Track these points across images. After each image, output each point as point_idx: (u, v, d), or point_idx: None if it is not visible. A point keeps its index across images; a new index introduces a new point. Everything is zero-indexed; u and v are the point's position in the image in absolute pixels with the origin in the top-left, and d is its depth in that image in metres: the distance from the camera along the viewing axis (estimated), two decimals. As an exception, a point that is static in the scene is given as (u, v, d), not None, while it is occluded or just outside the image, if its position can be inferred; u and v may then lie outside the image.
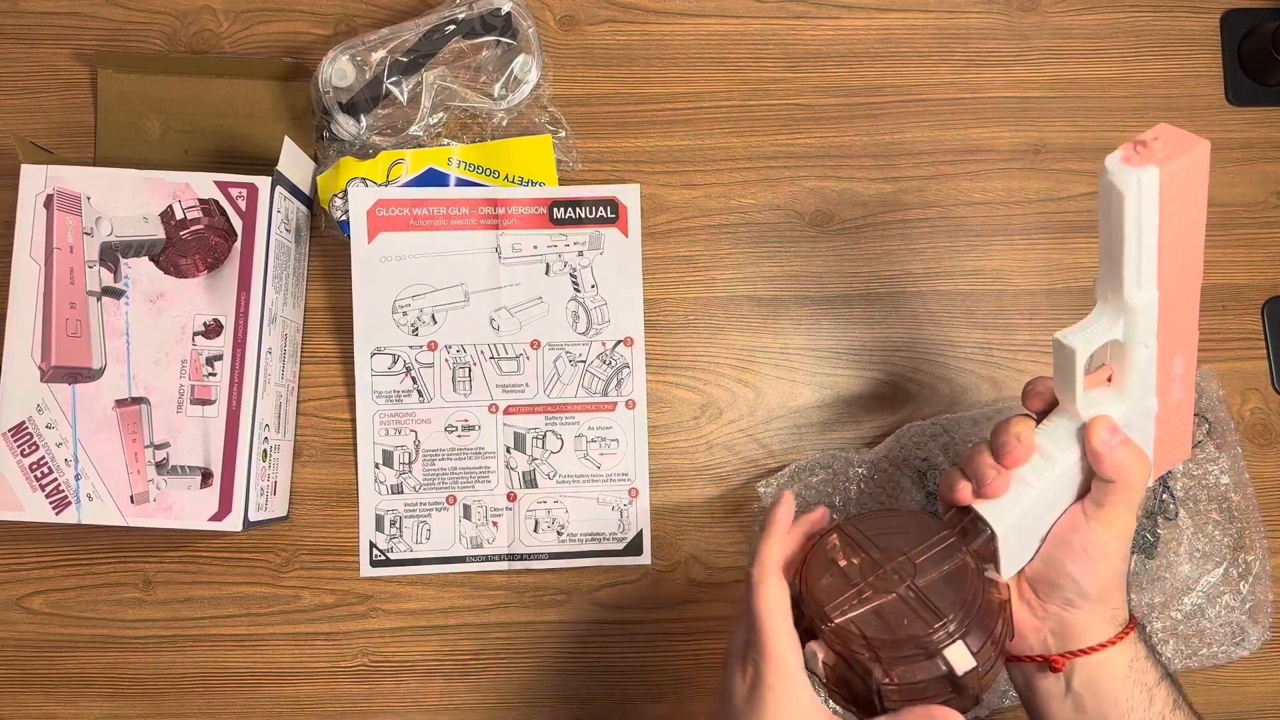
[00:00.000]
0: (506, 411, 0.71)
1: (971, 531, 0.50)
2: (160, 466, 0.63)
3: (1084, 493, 0.50)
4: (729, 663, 0.50)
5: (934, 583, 0.47)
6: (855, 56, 0.75)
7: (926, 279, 0.73)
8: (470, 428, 0.71)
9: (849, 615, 0.47)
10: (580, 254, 0.72)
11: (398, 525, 0.70)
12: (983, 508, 0.49)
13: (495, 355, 0.71)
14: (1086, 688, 0.49)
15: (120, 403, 0.63)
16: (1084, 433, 0.49)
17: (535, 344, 0.71)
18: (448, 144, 0.72)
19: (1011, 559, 0.50)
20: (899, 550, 0.49)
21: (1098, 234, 0.45)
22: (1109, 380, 0.50)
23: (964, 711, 0.46)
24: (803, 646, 0.48)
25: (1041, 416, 0.52)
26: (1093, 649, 0.50)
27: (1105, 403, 0.49)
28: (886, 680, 0.46)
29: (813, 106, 0.75)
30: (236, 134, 0.73)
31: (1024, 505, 0.49)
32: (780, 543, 0.51)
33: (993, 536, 0.49)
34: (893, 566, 0.48)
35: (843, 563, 0.49)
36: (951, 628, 0.46)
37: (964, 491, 0.50)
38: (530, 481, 0.71)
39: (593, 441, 0.71)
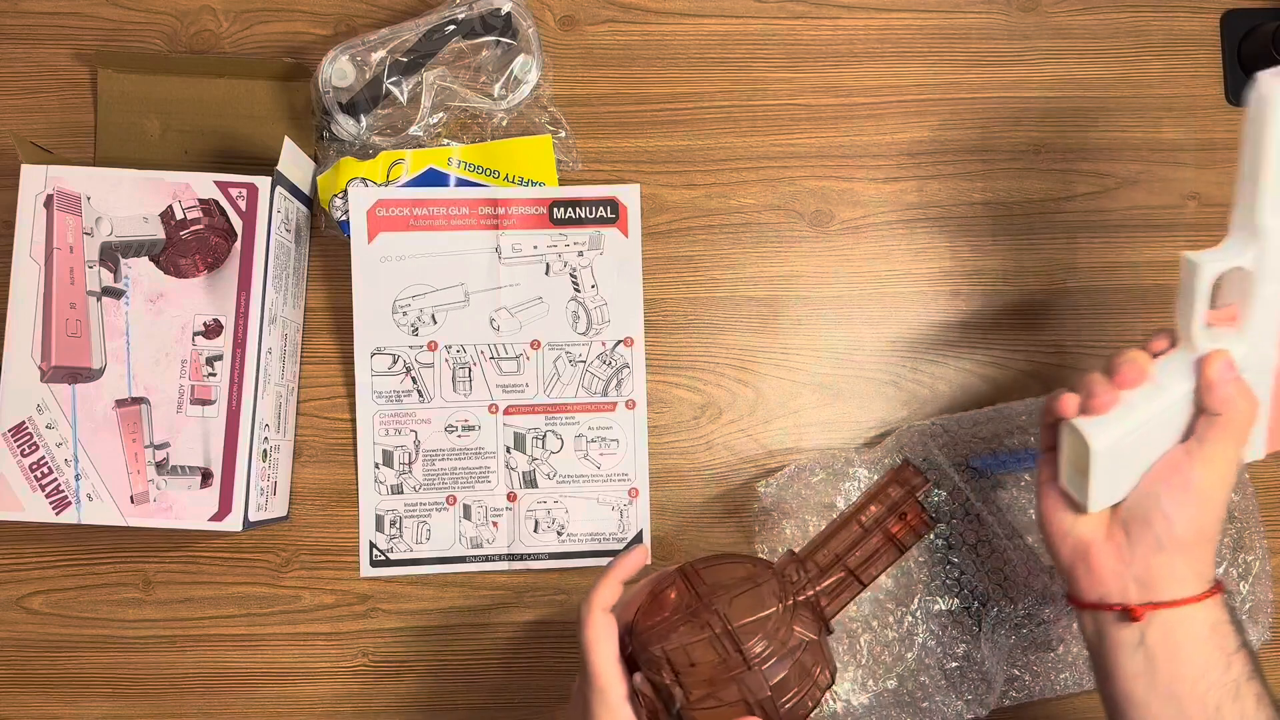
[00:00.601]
0: (506, 411, 0.71)
1: (797, 577, 0.53)
2: (160, 466, 0.63)
3: (1190, 434, 0.50)
4: (574, 688, 0.53)
5: (743, 620, 0.50)
6: (855, 56, 0.75)
7: (927, 279, 0.73)
8: (470, 428, 0.71)
9: (661, 645, 0.50)
10: (580, 254, 0.72)
11: (398, 525, 0.70)
12: (1084, 423, 0.49)
13: (495, 355, 0.71)
14: (1163, 642, 0.48)
15: (120, 403, 0.63)
16: (1200, 365, 0.48)
17: (535, 344, 0.71)
18: (448, 144, 0.72)
19: (1104, 488, 0.50)
20: (722, 590, 0.51)
21: (1096, 234, 0.45)
22: (1231, 319, 0.49)
23: None
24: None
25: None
26: (1178, 602, 0.48)
27: (1225, 339, 0.48)
28: (688, 704, 0.49)
29: (813, 106, 0.75)
30: (236, 134, 0.73)
31: (1126, 427, 0.49)
32: (614, 585, 0.53)
33: (927, 483, 0.53)
34: (711, 605, 0.50)
35: (669, 599, 0.52)
36: (750, 658, 0.49)
37: (1068, 403, 0.50)
38: (530, 481, 0.71)
39: (593, 441, 0.71)
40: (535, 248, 0.72)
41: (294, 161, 0.68)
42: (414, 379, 0.71)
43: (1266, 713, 0.48)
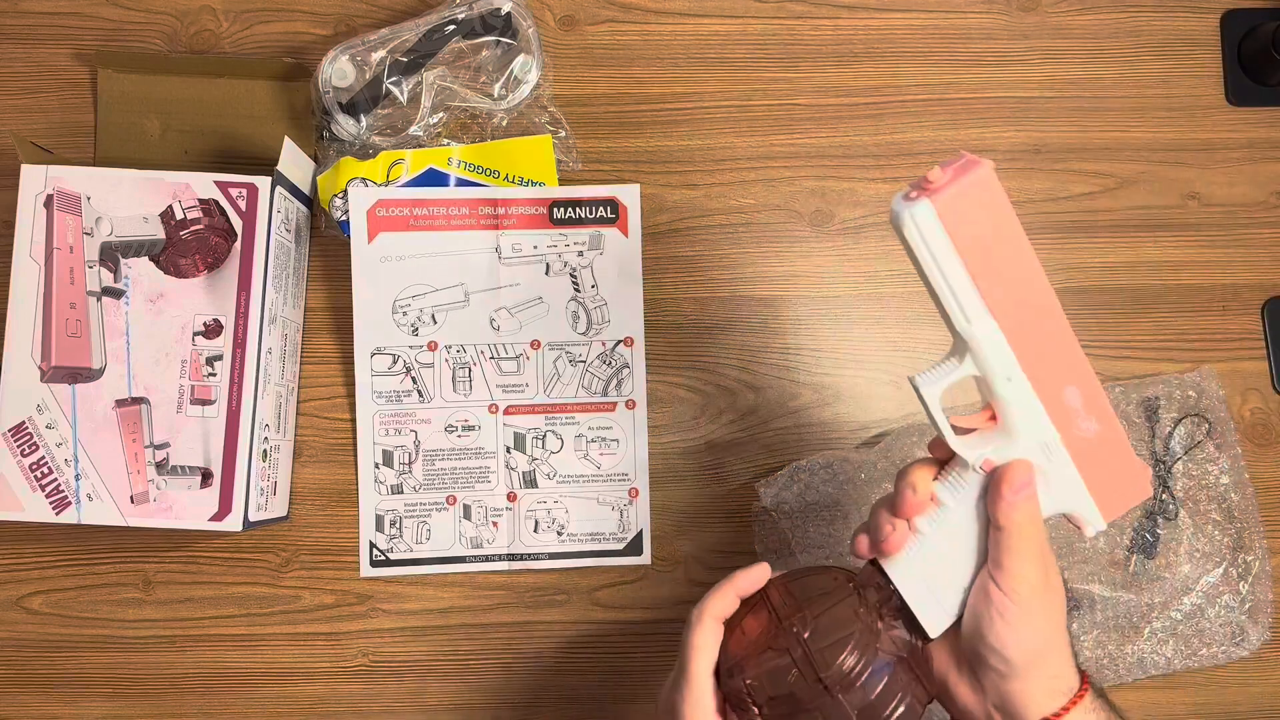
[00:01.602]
0: (506, 411, 0.71)
1: (883, 588, 0.48)
2: (160, 466, 0.63)
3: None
4: (663, 692, 0.51)
5: (822, 644, 0.46)
6: (855, 56, 0.75)
7: (926, 279, 0.73)
8: (470, 428, 0.71)
9: (742, 677, 0.47)
10: (580, 254, 0.72)
11: (398, 525, 0.70)
12: (884, 563, 0.48)
13: (495, 355, 0.71)
14: None
15: (120, 403, 0.63)
16: (975, 478, 0.47)
17: (535, 344, 0.71)
18: (448, 144, 0.72)
19: (931, 616, 0.48)
20: (802, 610, 0.48)
21: (1096, 234, 0.44)
22: (992, 419, 0.47)
23: None
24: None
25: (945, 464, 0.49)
26: None
27: (990, 442, 0.47)
28: None
29: (813, 106, 0.75)
30: (236, 134, 0.73)
31: (918, 556, 0.47)
32: (730, 596, 0.50)
33: (896, 592, 0.48)
34: (790, 629, 0.47)
35: (752, 624, 0.49)
36: (831, 684, 0.45)
37: (862, 545, 0.49)
38: (530, 481, 0.71)
39: (593, 441, 0.71)
40: (535, 248, 0.72)
41: (294, 161, 0.68)
42: (414, 379, 0.71)
43: None
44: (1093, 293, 0.73)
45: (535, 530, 0.70)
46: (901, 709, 0.46)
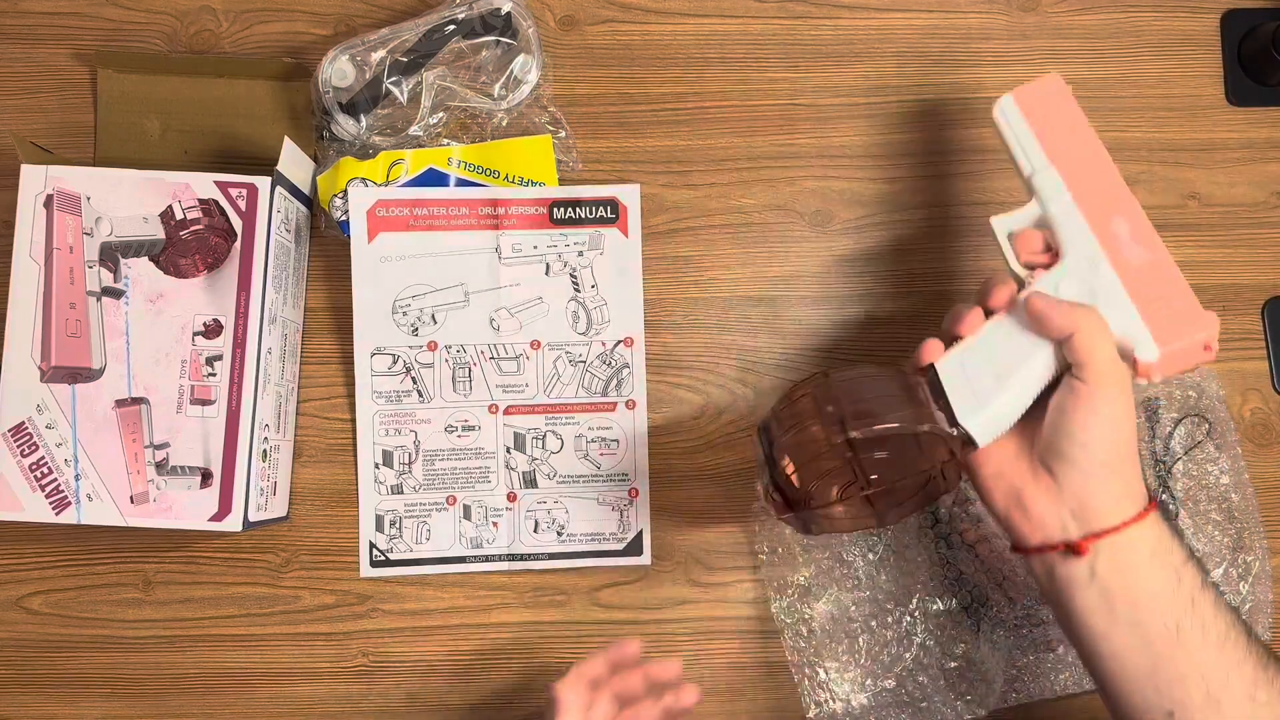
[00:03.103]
0: (506, 412, 0.71)
1: (934, 385, 0.54)
2: (160, 467, 0.63)
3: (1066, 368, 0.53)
4: None
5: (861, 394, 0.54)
6: (855, 56, 0.75)
7: (927, 279, 0.73)
8: (470, 428, 0.71)
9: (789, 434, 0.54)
10: (580, 254, 0.72)
11: (398, 525, 0.70)
12: (939, 364, 0.55)
13: (495, 355, 0.71)
14: (1112, 571, 0.49)
15: (120, 403, 0.63)
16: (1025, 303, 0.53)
17: (535, 344, 0.71)
18: (448, 144, 0.72)
19: (974, 420, 0.52)
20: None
21: None
22: (1053, 259, 0.56)
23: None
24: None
25: None
26: (1118, 527, 0.49)
27: (1051, 276, 0.55)
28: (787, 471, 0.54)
29: (813, 106, 0.75)
30: (236, 134, 0.73)
31: (965, 346, 0.55)
32: (603, 664, 0.57)
33: (942, 391, 0.54)
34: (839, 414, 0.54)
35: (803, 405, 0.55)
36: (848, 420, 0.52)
37: (927, 349, 0.56)
38: (530, 482, 0.71)
39: (593, 441, 0.71)
40: (535, 248, 0.72)
41: (294, 161, 0.68)
42: (414, 379, 0.71)
43: (1225, 617, 0.49)
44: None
45: (535, 530, 0.70)
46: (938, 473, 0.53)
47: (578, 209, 0.72)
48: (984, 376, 0.53)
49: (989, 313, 0.55)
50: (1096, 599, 0.49)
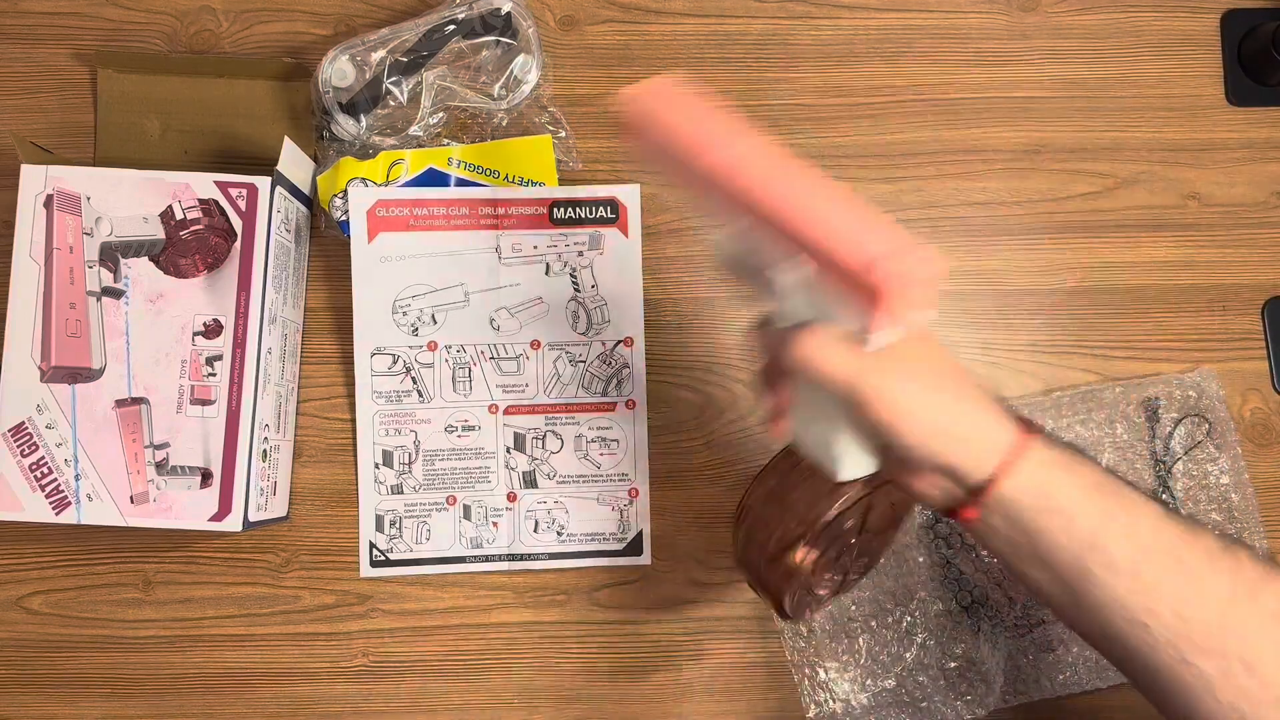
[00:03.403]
0: (506, 412, 0.71)
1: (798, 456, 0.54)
2: (160, 467, 0.63)
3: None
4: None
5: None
6: (855, 56, 0.75)
7: (926, 279, 0.73)
8: (470, 428, 0.71)
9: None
10: (580, 254, 0.72)
11: (398, 525, 0.70)
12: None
13: (495, 355, 0.71)
14: (1007, 523, 0.46)
15: (120, 403, 0.63)
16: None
17: (535, 344, 0.71)
18: (448, 144, 0.72)
19: (844, 466, 0.49)
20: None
21: (1096, 234, 0.45)
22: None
23: None
24: None
25: None
26: (976, 493, 0.45)
27: (791, 309, 0.48)
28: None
29: (813, 106, 0.75)
30: (236, 134, 0.73)
31: (800, 429, 0.51)
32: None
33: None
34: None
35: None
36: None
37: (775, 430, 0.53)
38: (530, 482, 0.71)
39: (593, 441, 0.71)
40: (535, 248, 0.72)
41: (294, 161, 0.68)
42: (414, 379, 0.71)
43: (1139, 540, 0.45)
44: (1093, 293, 0.73)
45: (535, 530, 0.70)
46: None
47: (578, 209, 0.72)
48: (822, 432, 0.49)
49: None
50: (1003, 544, 0.47)
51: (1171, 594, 0.44)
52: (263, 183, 0.65)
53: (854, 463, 0.49)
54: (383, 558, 0.70)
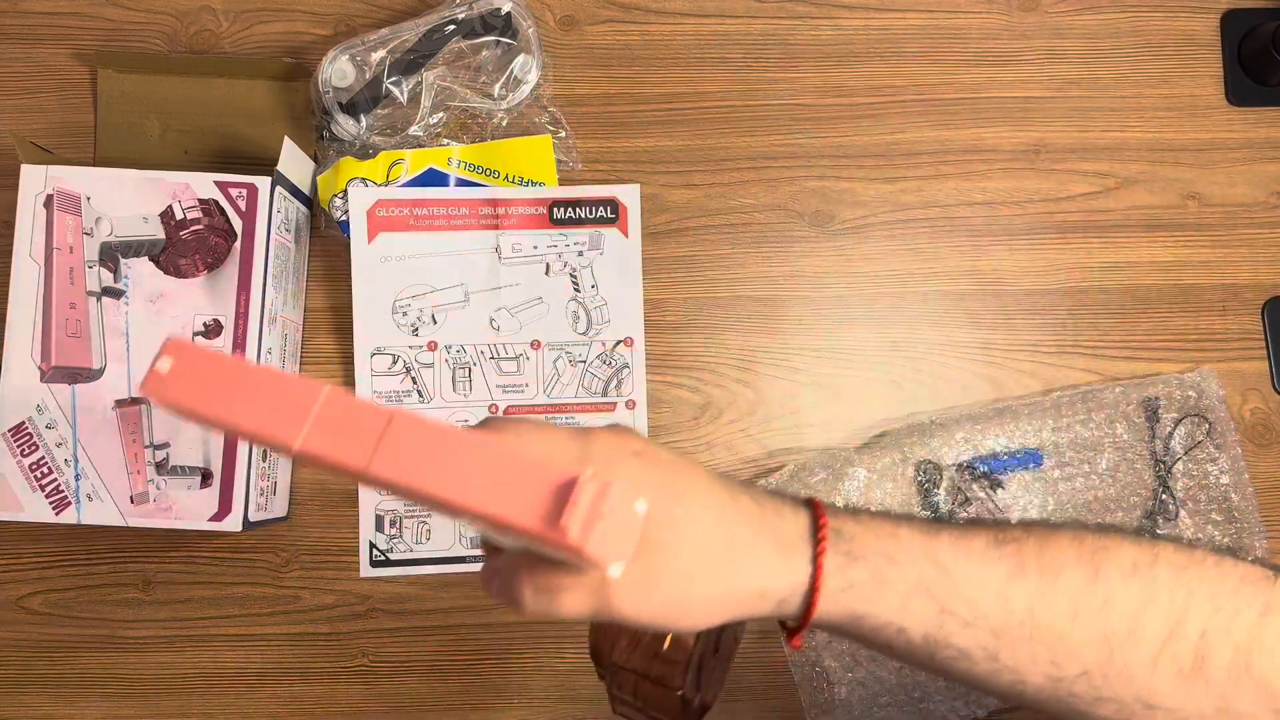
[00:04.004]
0: (506, 412, 0.71)
1: None
2: (160, 467, 0.63)
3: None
4: None
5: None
6: (855, 56, 0.75)
7: (926, 279, 0.73)
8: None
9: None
10: (580, 254, 0.72)
11: (398, 525, 0.70)
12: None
13: (495, 355, 0.71)
14: (839, 638, 0.46)
15: (120, 403, 0.63)
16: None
17: (535, 344, 0.71)
18: (448, 144, 0.72)
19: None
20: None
21: (1096, 234, 0.43)
22: None
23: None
24: None
25: None
26: (792, 635, 0.42)
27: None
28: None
29: (813, 106, 0.75)
30: (236, 134, 0.73)
31: None
32: None
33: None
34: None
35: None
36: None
37: None
38: (530, 481, 0.71)
39: (593, 441, 0.71)
40: (535, 248, 0.72)
41: (294, 161, 0.68)
42: (414, 379, 0.71)
43: (985, 629, 0.40)
44: (1093, 293, 0.73)
45: (535, 530, 0.70)
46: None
47: (578, 209, 0.72)
48: None
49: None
50: (850, 644, 0.46)
51: (1040, 661, 0.41)
52: (263, 183, 0.65)
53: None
54: (383, 558, 0.70)
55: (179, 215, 0.65)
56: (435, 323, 0.71)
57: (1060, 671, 0.41)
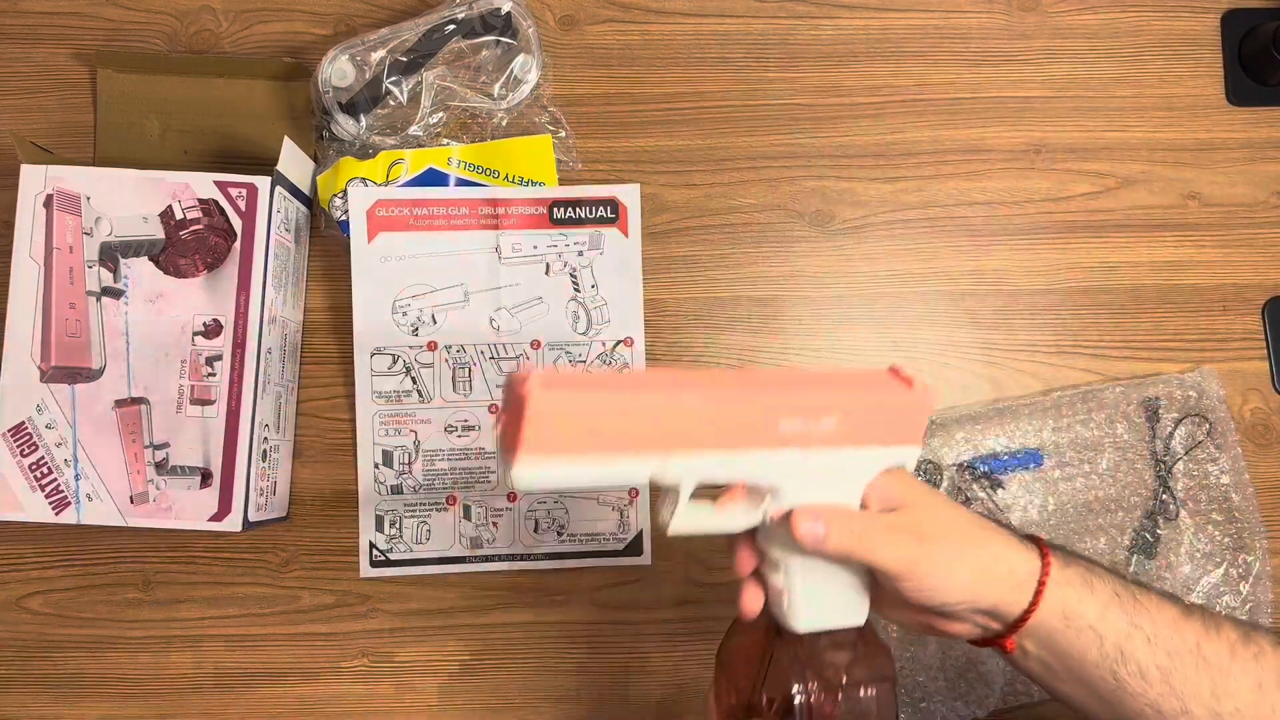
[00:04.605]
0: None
1: (792, 637, 0.49)
2: (160, 467, 0.63)
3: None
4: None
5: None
6: (855, 56, 0.75)
7: (926, 279, 0.73)
8: (470, 428, 0.71)
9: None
10: (580, 254, 0.72)
11: (398, 525, 0.70)
12: (779, 619, 0.49)
13: (495, 355, 0.71)
14: (1040, 648, 0.49)
15: (120, 403, 0.63)
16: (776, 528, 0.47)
17: (535, 344, 0.71)
18: (448, 144, 0.72)
19: (848, 620, 0.49)
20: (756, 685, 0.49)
21: (1096, 234, 0.44)
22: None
23: None
24: None
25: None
26: (1021, 620, 0.47)
27: (761, 502, 0.47)
28: None
29: (813, 106, 0.75)
30: (236, 134, 0.73)
31: (798, 599, 0.48)
32: None
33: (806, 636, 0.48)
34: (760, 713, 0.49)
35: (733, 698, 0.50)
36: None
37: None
38: (530, 481, 0.71)
39: (593, 441, 0.71)
40: (535, 248, 0.72)
41: (294, 161, 0.68)
42: (414, 379, 0.71)
43: (1165, 645, 0.47)
44: (1093, 293, 0.73)
45: (535, 530, 0.70)
46: (878, 701, 0.48)
47: (578, 209, 0.72)
48: (824, 599, 0.48)
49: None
50: (1038, 666, 0.50)
51: (1203, 692, 0.47)
52: (263, 183, 0.65)
53: (845, 615, 0.49)
54: (383, 558, 0.70)
55: (179, 215, 0.65)
56: (435, 323, 0.71)
57: (1219, 706, 0.47)
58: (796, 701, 0.47)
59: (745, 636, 0.51)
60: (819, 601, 0.48)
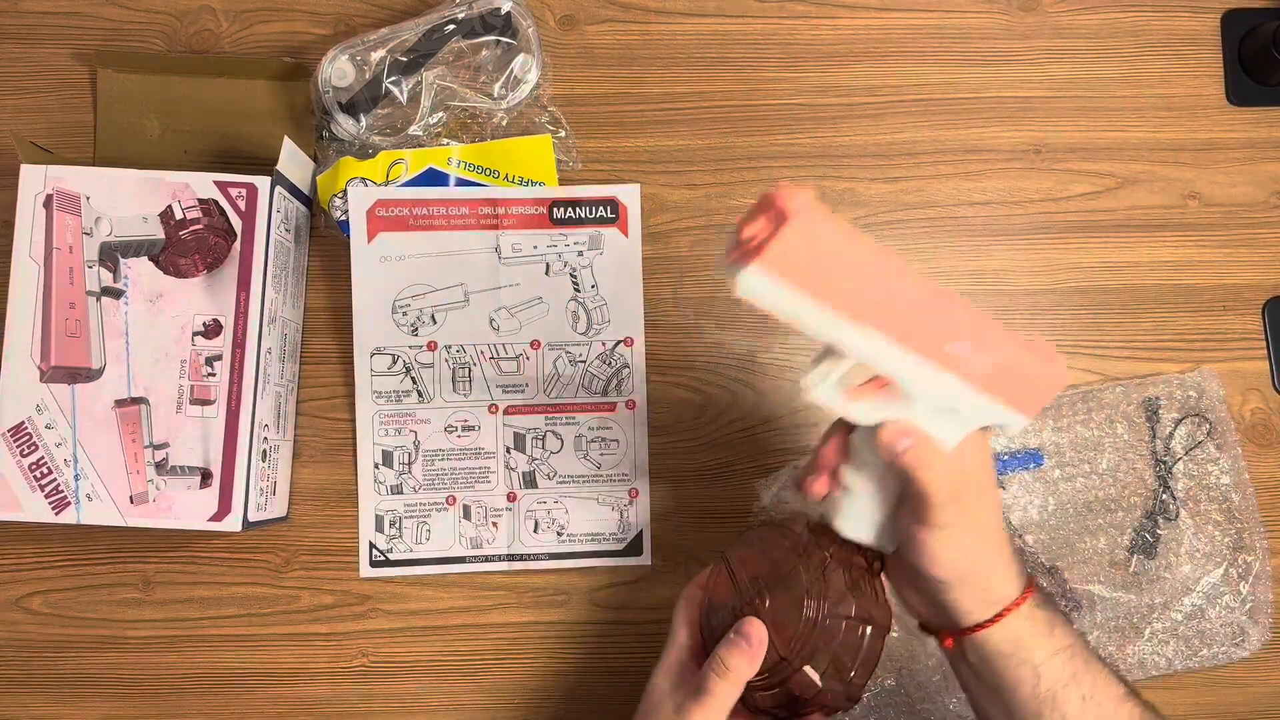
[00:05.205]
0: (506, 412, 0.71)
1: (830, 535, 0.53)
2: (160, 466, 0.63)
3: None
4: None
5: (781, 607, 0.52)
6: (855, 56, 0.75)
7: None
8: (470, 428, 0.71)
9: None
10: (580, 254, 0.72)
11: (397, 525, 0.70)
12: (827, 514, 0.53)
13: (495, 355, 0.71)
14: (979, 661, 0.51)
15: (120, 403, 0.63)
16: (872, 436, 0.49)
17: (535, 344, 0.71)
18: (448, 144, 0.72)
19: (878, 543, 0.53)
20: (757, 580, 0.54)
21: (1096, 234, 0.44)
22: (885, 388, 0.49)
23: (837, 709, 0.53)
24: None
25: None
26: (971, 629, 0.50)
27: (886, 407, 0.48)
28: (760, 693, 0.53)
29: (813, 106, 0.75)
30: (236, 134, 0.73)
31: (850, 502, 0.52)
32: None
33: (841, 539, 0.53)
34: (752, 602, 0.53)
35: (718, 599, 0.55)
36: (793, 659, 0.51)
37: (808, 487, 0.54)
38: (530, 482, 0.71)
39: (593, 441, 0.71)
40: (535, 248, 0.72)
41: (294, 161, 0.68)
42: (414, 379, 0.71)
43: (1093, 713, 0.50)
44: (1093, 293, 0.73)
45: (535, 530, 0.70)
46: (865, 642, 0.52)
47: (577, 209, 0.72)
48: (870, 513, 0.52)
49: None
50: (969, 676, 0.53)
51: None
52: (262, 183, 0.65)
53: (890, 545, 0.52)
54: (383, 558, 0.70)
55: (179, 215, 0.65)
56: (435, 322, 0.71)
57: None
58: (805, 615, 0.51)
59: (763, 545, 0.55)
60: (868, 517, 0.52)
